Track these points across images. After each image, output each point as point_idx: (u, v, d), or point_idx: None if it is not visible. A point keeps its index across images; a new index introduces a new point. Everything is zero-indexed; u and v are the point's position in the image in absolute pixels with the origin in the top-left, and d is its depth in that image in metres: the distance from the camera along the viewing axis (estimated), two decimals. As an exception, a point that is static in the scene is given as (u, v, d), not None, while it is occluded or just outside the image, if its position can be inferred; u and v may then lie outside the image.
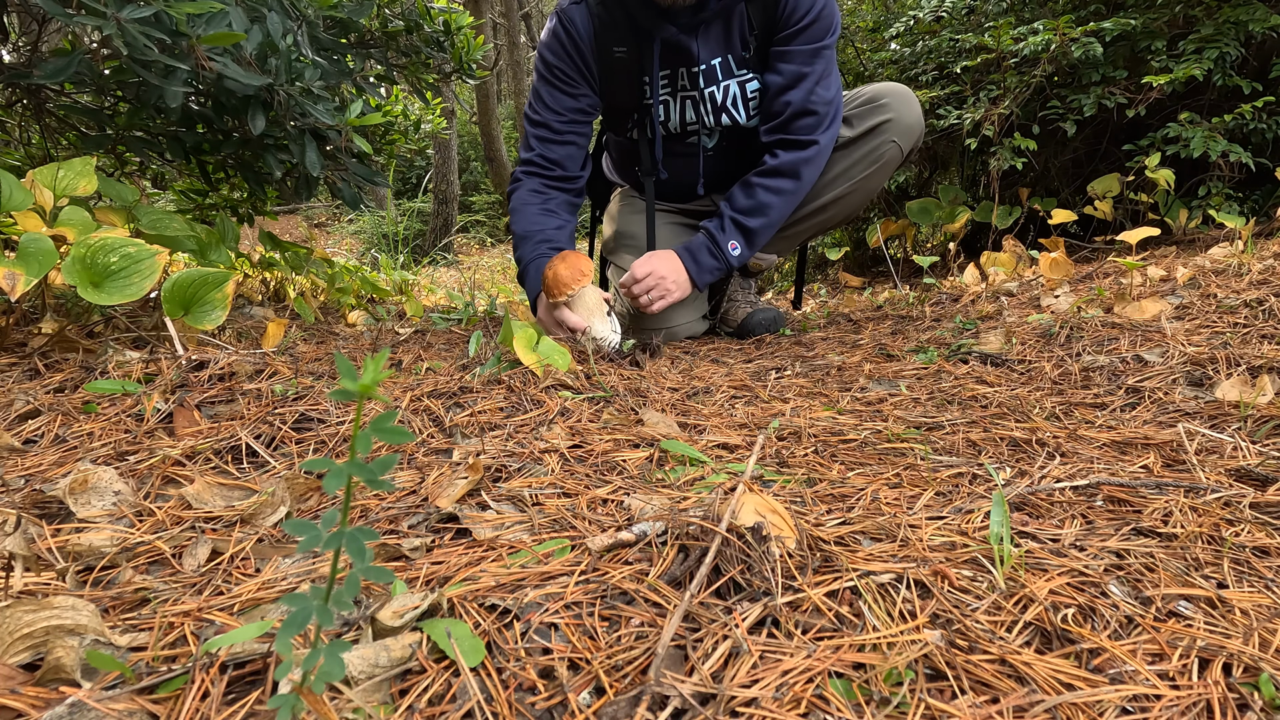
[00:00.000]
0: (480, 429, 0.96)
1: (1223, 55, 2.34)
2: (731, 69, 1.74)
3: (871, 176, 1.80)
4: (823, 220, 1.90)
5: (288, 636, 0.37)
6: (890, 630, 0.52)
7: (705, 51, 1.71)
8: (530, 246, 1.72)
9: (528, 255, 1.72)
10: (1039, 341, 1.43)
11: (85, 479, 0.72)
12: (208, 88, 1.45)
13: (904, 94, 1.80)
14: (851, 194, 1.83)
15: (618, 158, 2.07)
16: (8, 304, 1.24)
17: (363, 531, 0.38)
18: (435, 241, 8.45)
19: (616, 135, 1.99)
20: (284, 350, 1.32)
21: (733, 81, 1.76)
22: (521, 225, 1.75)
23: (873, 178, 1.81)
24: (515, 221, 1.77)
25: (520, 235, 1.75)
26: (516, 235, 1.76)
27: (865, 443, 0.96)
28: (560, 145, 1.77)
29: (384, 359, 0.36)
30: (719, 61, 1.73)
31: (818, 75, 1.69)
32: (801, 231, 1.93)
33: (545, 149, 1.77)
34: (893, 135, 1.77)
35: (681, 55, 1.71)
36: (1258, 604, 0.57)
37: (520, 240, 1.75)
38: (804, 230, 1.93)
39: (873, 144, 1.78)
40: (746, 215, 1.72)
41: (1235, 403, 1.02)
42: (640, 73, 1.74)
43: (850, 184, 1.81)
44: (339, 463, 0.37)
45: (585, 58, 1.72)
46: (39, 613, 0.50)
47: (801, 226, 1.90)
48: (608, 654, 0.49)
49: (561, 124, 1.75)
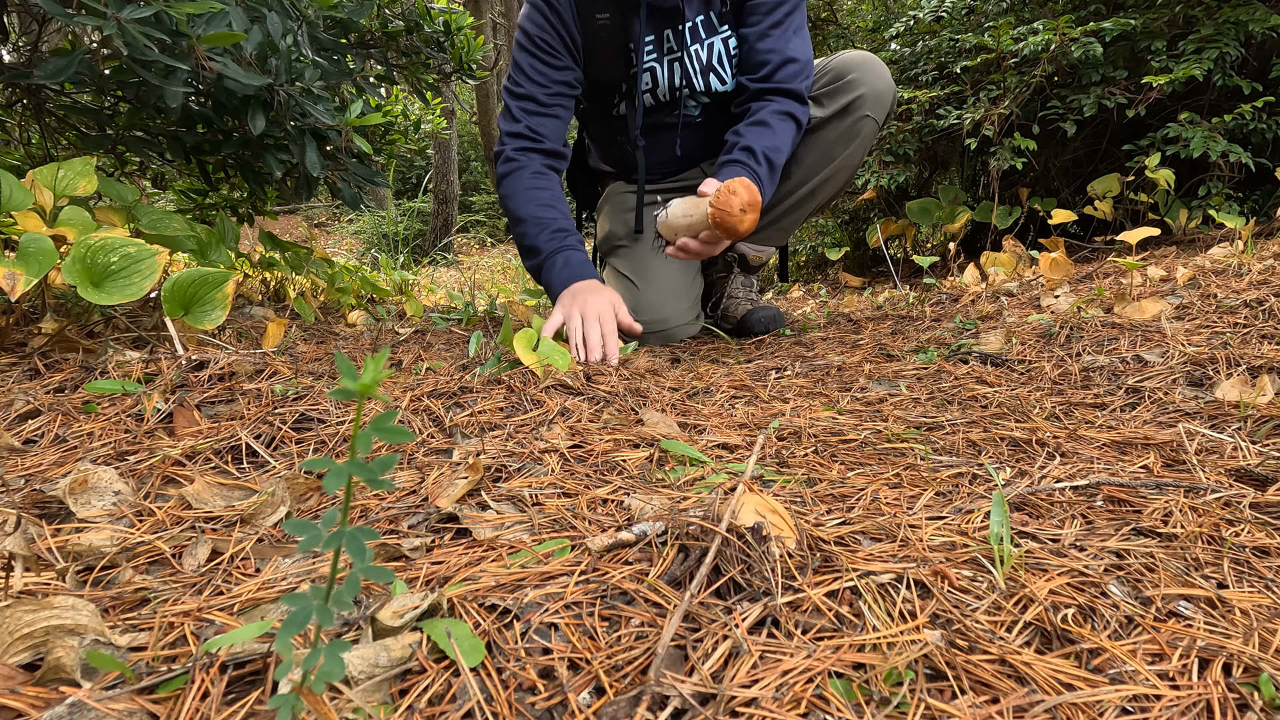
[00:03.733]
0: (480, 429, 0.96)
1: (1223, 55, 2.34)
2: (714, 25, 1.72)
3: (853, 153, 1.79)
4: (815, 204, 1.89)
5: (288, 636, 0.37)
6: (890, 630, 0.52)
7: (689, 9, 1.69)
8: (548, 236, 1.63)
9: (545, 245, 1.62)
10: (1039, 341, 1.43)
11: (85, 479, 0.72)
12: (208, 88, 1.45)
13: (870, 63, 1.77)
14: (837, 172, 1.82)
15: (604, 142, 2.04)
16: (8, 304, 1.24)
17: (363, 531, 0.38)
18: (435, 241, 8.45)
19: (600, 118, 1.94)
20: (284, 350, 1.32)
21: (716, 39, 1.73)
22: (529, 209, 1.65)
23: (854, 154, 1.80)
24: (520, 205, 1.67)
25: (530, 219, 1.65)
26: (525, 219, 1.66)
27: (865, 443, 0.96)
28: (548, 118, 1.70)
29: (384, 358, 0.36)
30: (701, 19, 1.71)
31: (794, 26, 1.70)
32: (795, 220, 1.92)
33: (532, 121, 1.69)
34: (866, 110, 1.75)
35: (668, 14, 1.69)
36: (1258, 604, 0.57)
37: (530, 225, 1.65)
38: (797, 217, 1.91)
39: (848, 122, 1.76)
40: (771, 151, 1.63)
41: (1235, 403, 1.02)
42: (625, 39, 1.71)
43: (833, 164, 1.80)
44: (339, 462, 0.37)
45: (569, 28, 1.68)
46: (39, 613, 0.50)
47: (795, 215, 1.89)
48: (608, 654, 0.49)
49: (547, 96, 1.69)
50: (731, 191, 1.36)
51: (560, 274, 1.58)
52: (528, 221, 1.66)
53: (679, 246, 1.56)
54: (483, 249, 8.83)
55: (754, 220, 1.39)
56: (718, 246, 1.54)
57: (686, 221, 1.52)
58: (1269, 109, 2.36)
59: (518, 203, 1.67)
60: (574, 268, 1.58)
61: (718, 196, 1.37)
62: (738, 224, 1.38)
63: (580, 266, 1.59)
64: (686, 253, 1.56)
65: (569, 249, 1.61)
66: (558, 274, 1.59)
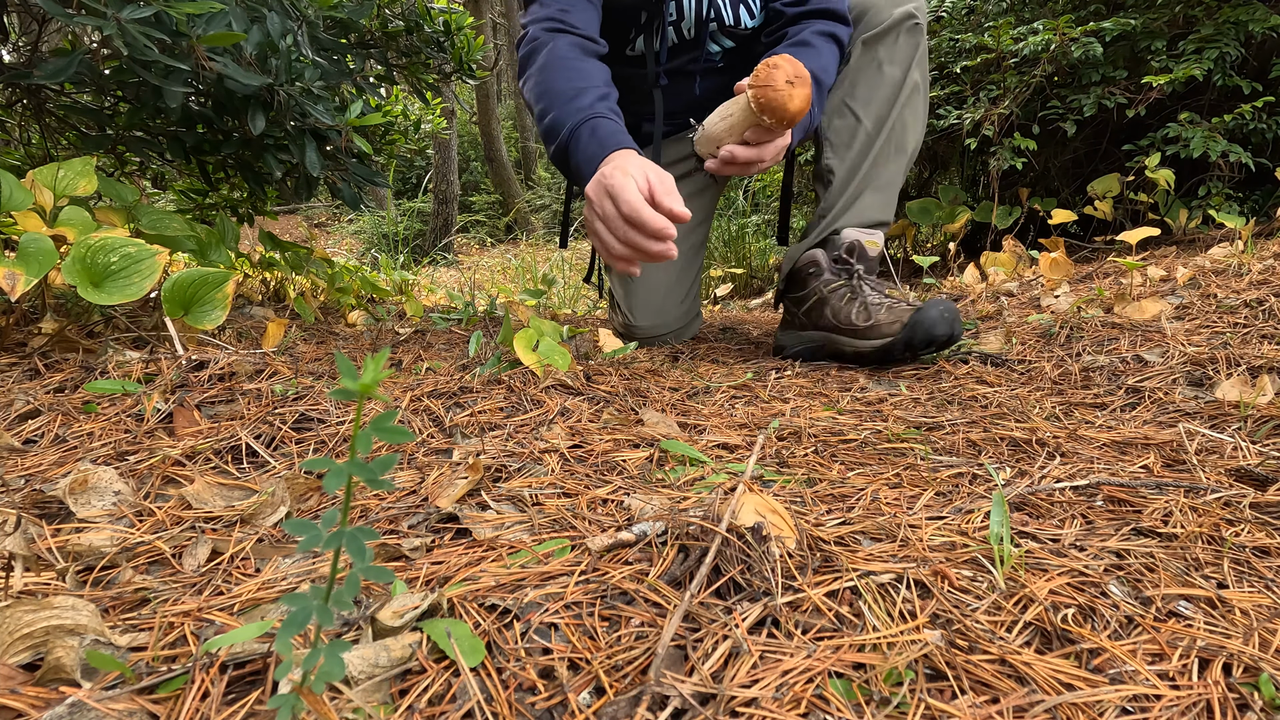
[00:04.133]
0: (480, 429, 0.96)
1: (1223, 55, 2.34)
2: None
3: (914, 69, 1.52)
4: (906, 143, 1.57)
5: (287, 636, 0.37)
6: (890, 630, 0.52)
7: None
8: (587, 98, 1.25)
9: (566, 117, 1.24)
10: (1039, 341, 1.43)
11: (85, 479, 0.72)
12: (208, 88, 1.45)
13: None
14: (911, 96, 1.55)
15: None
16: (8, 304, 1.24)
17: (363, 531, 0.38)
18: (435, 241, 8.45)
19: (612, 61, 1.62)
20: (284, 350, 1.32)
21: None
22: (564, 80, 1.28)
23: (915, 69, 1.53)
24: (552, 76, 1.30)
25: (563, 92, 1.27)
26: (555, 91, 1.28)
27: (865, 443, 0.96)
28: (579, 9, 1.39)
29: (384, 358, 0.36)
30: None
31: None
32: (890, 173, 1.57)
33: (563, 7, 1.38)
34: (909, 6, 1.50)
35: None
36: (1258, 604, 0.57)
37: (563, 96, 1.27)
38: (893, 170, 1.57)
39: (896, 33, 1.51)
40: (820, 72, 1.39)
41: (1235, 403, 1.02)
42: None
43: (904, 89, 1.53)
44: (339, 462, 0.37)
45: None
46: (39, 613, 0.50)
47: (888, 167, 1.56)
48: (608, 654, 0.49)
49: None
50: (773, 66, 1.15)
51: (586, 150, 1.20)
52: (554, 91, 1.28)
53: (724, 159, 1.28)
54: (483, 249, 8.83)
55: (806, 97, 1.16)
56: (771, 144, 1.27)
57: (726, 124, 1.28)
58: (1269, 109, 2.36)
59: (547, 74, 1.31)
60: (603, 138, 1.19)
61: (756, 75, 1.16)
62: (786, 100, 1.15)
63: (612, 136, 1.20)
64: (734, 163, 1.28)
65: (597, 116, 1.22)
66: (583, 150, 1.21)
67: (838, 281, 1.47)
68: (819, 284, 1.48)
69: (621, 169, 1.08)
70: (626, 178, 1.06)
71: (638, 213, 1.04)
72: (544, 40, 1.35)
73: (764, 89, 1.15)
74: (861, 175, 1.55)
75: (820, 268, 1.50)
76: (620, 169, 1.08)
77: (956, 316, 1.30)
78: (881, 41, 1.51)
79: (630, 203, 1.04)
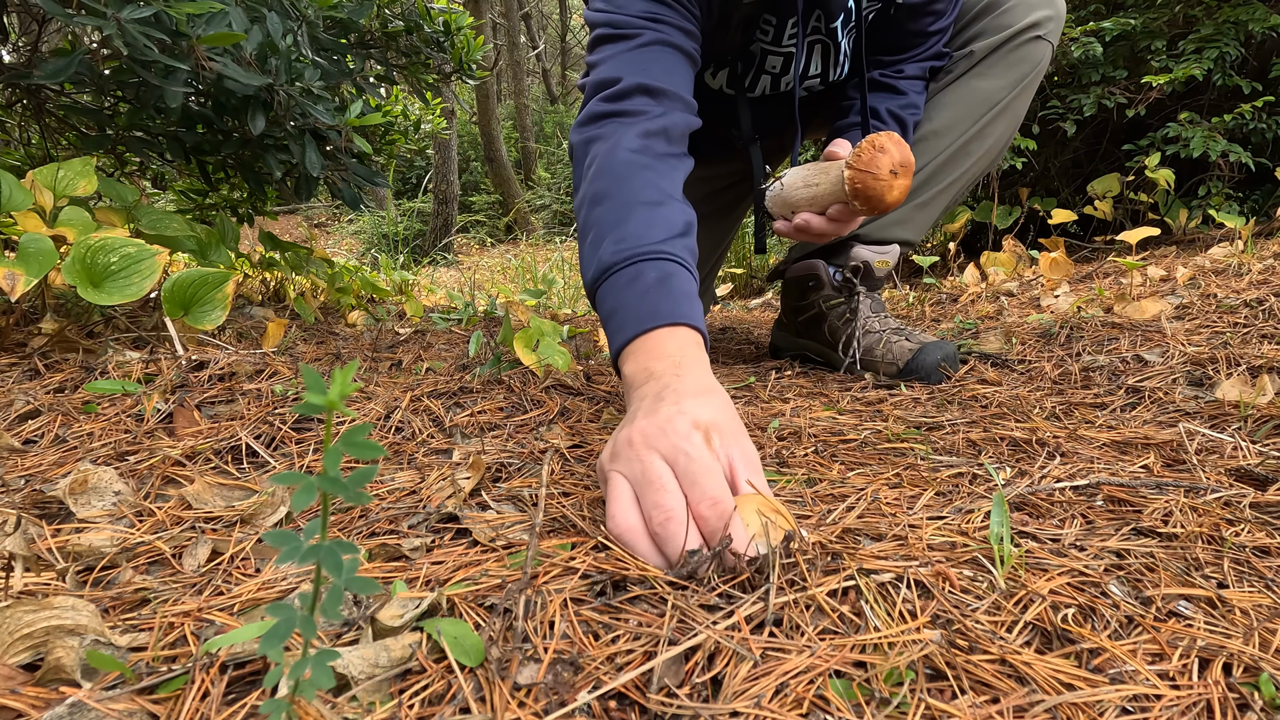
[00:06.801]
0: (480, 429, 0.96)
1: (1223, 55, 2.34)
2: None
3: (1019, 96, 1.35)
4: (967, 173, 1.40)
5: (269, 646, 0.37)
6: (891, 630, 0.52)
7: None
8: (658, 232, 0.91)
9: (628, 248, 0.90)
10: (1039, 341, 1.43)
11: (85, 479, 0.72)
12: (208, 88, 1.45)
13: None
14: (996, 121, 1.37)
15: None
16: (8, 304, 1.24)
17: (341, 545, 0.37)
18: (435, 241, 8.45)
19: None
20: (284, 350, 1.32)
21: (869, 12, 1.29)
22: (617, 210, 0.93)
23: (1020, 96, 1.35)
24: (609, 194, 0.95)
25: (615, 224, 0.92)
26: (604, 222, 0.94)
27: (865, 442, 0.96)
28: (663, 56, 1.05)
29: (354, 370, 0.34)
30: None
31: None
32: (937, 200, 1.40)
33: (642, 65, 1.03)
34: (1039, 29, 1.31)
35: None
36: (1258, 604, 0.57)
37: (611, 228, 0.92)
38: (940, 195, 1.40)
39: (1012, 48, 1.33)
40: (903, 110, 1.27)
41: (1235, 403, 1.02)
42: (763, 7, 1.22)
43: (993, 110, 1.36)
44: (310, 477, 0.36)
45: None
46: (39, 613, 0.50)
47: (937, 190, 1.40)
48: (608, 654, 0.49)
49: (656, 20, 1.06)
50: (879, 149, 1.01)
51: (641, 304, 0.85)
52: (602, 222, 0.94)
53: (797, 226, 1.15)
54: (483, 249, 8.83)
55: (905, 189, 1.03)
56: (847, 225, 1.13)
57: (809, 193, 1.14)
58: (1269, 109, 2.36)
59: (604, 188, 0.96)
60: (673, 297, 0.85)
61: (858, 155, 1.02)
62: (885, 192, 1.02)
63: (683, 299, 0.86)
64: (805, 232, 1.15)
65: (667, 257, 0.89)
66: (635, 302, 0.86)
67: (837, 299, 1.41)
68: (818, 298, 1.43)
69: (693, 420, 0.66)
70: (707, 451, 0.64)
71: (713, 527, 0.60)
72: (602, 138, 1.01)
73: (864, 175, 1.02)
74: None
75: (821, 282, 1.42)
76: (692, 420, 0.66)
77: (954, 360, 1.27)
78: (994, 49, 1.33)
79: (713, 494, 0.61)
